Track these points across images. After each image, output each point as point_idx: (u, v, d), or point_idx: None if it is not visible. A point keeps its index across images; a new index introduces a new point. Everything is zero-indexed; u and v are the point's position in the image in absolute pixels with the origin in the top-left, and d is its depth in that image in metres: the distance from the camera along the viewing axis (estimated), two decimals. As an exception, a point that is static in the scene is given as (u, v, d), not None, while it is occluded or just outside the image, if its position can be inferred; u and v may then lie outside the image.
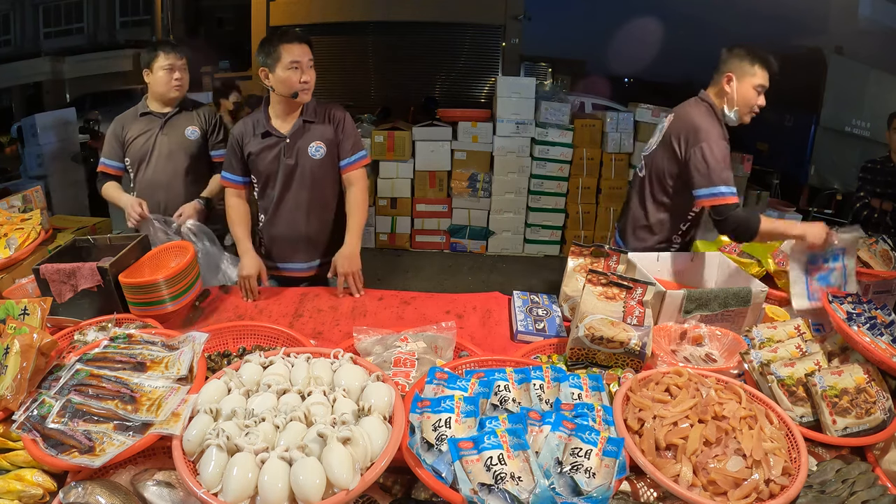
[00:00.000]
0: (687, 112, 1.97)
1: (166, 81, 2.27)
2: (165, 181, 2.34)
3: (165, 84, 2.28)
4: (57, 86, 6.82)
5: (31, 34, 7.11)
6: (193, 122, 2.36)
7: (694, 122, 1.90)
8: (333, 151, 2.04)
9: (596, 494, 0.92)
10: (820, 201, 4.94)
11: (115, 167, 2.37)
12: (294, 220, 2.10)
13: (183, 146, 2.35)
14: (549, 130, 4.77)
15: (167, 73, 2.26)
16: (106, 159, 2.37)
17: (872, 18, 5.23)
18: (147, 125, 2.34)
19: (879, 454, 1.19)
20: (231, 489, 0.91)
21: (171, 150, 2.34)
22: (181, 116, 2.36)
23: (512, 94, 4.73)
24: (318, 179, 2.05)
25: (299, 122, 2.02)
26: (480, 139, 4.86)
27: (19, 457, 1.09)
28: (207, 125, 2.39)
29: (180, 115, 2.36)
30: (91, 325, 1.49)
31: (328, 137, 2.02)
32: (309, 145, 2.01)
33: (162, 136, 2.33)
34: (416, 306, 1.90)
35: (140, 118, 2.34)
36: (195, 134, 2.36)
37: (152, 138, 2.33)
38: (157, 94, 2.31)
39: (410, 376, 1.29)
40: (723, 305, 1.58)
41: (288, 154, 2.02)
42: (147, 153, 2.34)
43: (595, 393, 1.18)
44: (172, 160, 2.34)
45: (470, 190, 4.93)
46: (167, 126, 2.33)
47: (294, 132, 2.01)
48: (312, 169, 2.03)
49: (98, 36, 7.37)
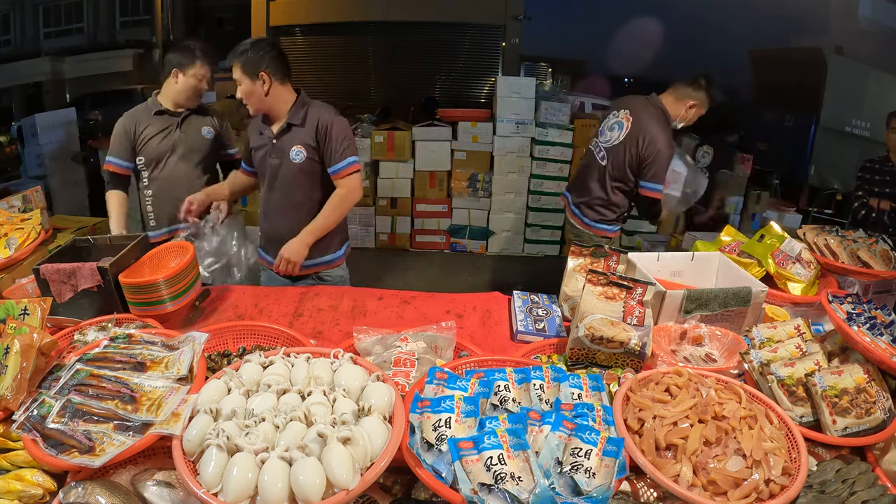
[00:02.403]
0: (647, 121, 2.48)
1: (193, 90, 2.28)
2: (183, 180, 2.33)
3: (190, 92, 2.28)
4: (57, 86, 6.82)
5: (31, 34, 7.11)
6: (208, 123, 2.39)
7: (653, 132, 2.44)
8: (314, 157, 2.05)
9: (596, 494, 0.92)
10: (820, 201, 4.94)
11: (125, 167, 2.31)
12: (276, 218, 2.16)
13: (200, 145, 2.36)
14: (549, 130, 4.77)
15: (197, 82, 2.27)
16: (114, 158, 2.30)
17: (872, 18, 5.23)
18: (164, 123, 2.30)
19: (879, 454, 1.19)
20: (231, 489, 0.91)
21: (188, 149, 2.34)
22: (196, 116, 2.37)
23: (512, 94, 4.74)
24: (299, 183, 2.08)
25: (285, 124, 2.05)
26: (480, 139, 4.86)
27: (19, 457, 1.09)
28: (220, 126, 2.43)
29: (195, 115, 2.37)
30: (91, 325, 1.49)
31: (309, 143, 2.03)
32: (291, 148, 2.04)
33: (180, 134, 2.32)
34: (416, 306, 1.90)
35: (155, 116, 2.30)
36: (211, 133, 2.39)
37: (170, 137, 2.31)
38: (176, 96, 2.30)
39: (410, 376, 1.29)
40: (723, 305, 1.58)
41: (273, 155, 2.07)
42: (165, 152, 2.32)
43: (595, 393, 1.18)
44: (189, 159, 2.35)
45: (470, 190, 4.93)
46: (185, 125, 2.33)
47: (280, 133, 2.05)
48: (294, 172, 2.06)
49: (98, 36, 7.37)
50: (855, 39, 5.06)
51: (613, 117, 2.61)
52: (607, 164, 2.56)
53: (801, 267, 1.84)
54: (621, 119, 2.57)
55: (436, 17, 6.33)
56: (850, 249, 1.90)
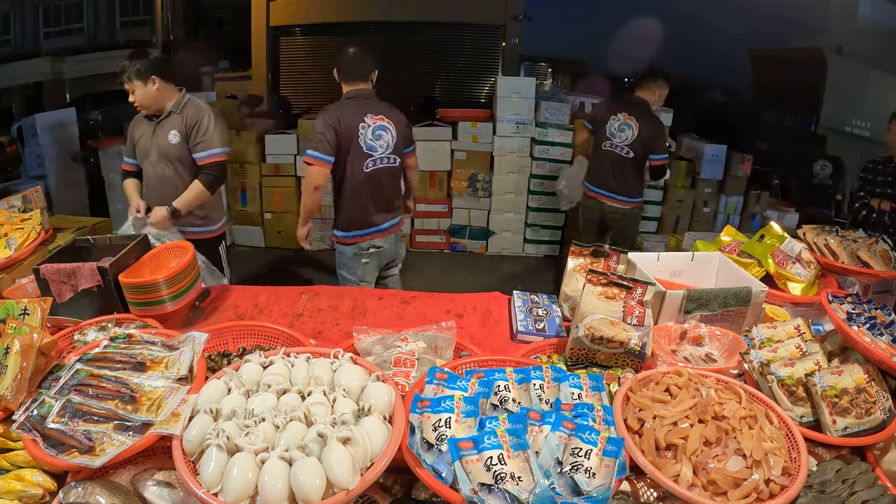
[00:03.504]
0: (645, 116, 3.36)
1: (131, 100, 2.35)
2: (158, 184, 2.41)
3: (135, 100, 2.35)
4: (57, 86, 6.80)
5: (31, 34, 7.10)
6: (175, 126, 2.37)
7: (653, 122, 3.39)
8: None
9: (596, 494, 0.92)
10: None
11: (132, 163, 2.53)
12: None
13: (167, 151, 2.37)
14: (549, 130, 4.77)
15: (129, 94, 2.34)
16: (126, 157, 2.55)
17: (872, 18, 5.22)
18: (146, 128, 2.41)
19: (879, 454, 1.19)
20: (231, 489, 0.91)
21: (159, 154, 2.38)
22: (169, 120, 2.38)
23: (512, 94, 4.73)
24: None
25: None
26: (480, 139, 4.85)
27: (19, 457, 1.09)
28: (188, 127, 2.36)
29: (169, 119, 2.38)
30: (91, 325, 1.49)
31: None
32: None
33: (154, 138, 2.38)
34: (416, 306, 1.90)
35: (142, 120, 2.43)
36: (176, 138, 2.36)
37: (149, 141, 2.40)
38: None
39: (410, 376, 1.29)
40: (723, 305, 1.58)
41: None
42: (145, 155, 2.42)
43: (595, 393, 1.18)
44: (161, 164, 2.40)
45: (470, 190, 4.93)
46: (158, 129, 2.38)
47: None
48: None
49: (98, 36, 7.36)
50: (855, 39, 5.05)
51: (616, 121, 3.41)
52: (634, 157, 3.40)
53: (801, 267, 1.84)
54: (625, 120, 3.38)
55: (436, 17, 6.32)
56: (850, 249, 1.90)
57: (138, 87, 2.29)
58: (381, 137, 2.46)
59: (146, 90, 2.30)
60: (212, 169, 2.38)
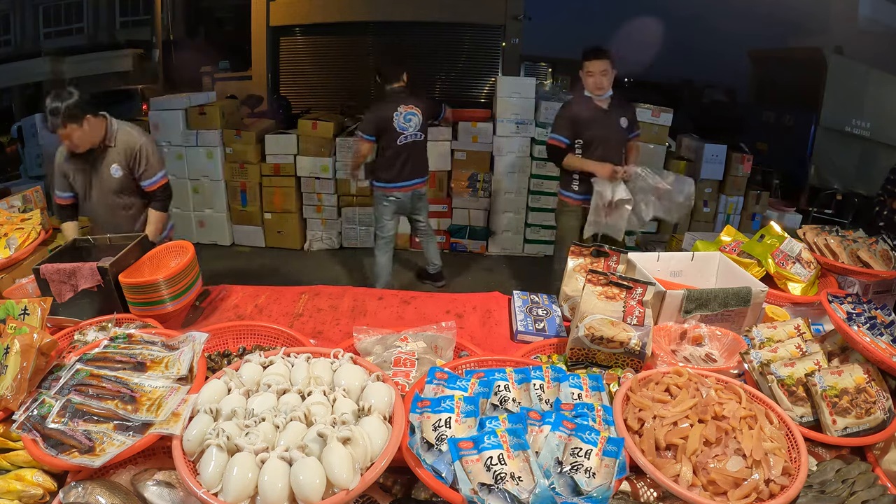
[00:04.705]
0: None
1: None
2: (109, 214, 2.37)
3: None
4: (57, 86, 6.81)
5: (31, 34, 7.11)
6: (115, 160, 2.30)
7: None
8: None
9: (596, 494, 0.92)
10: (820, 201, 4.94)
11: (68, 197, 2.39)
12: None
13: (111, 185, 2.32)
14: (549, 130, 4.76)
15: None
16: (59, 192, 2.38)
17: (872, 18, 5.23)
18: (80, 163, 2.30)
19: (879, 454, 1.19)
20: (231, 489, 0.91)
21: (103, 189, 2.33)
22: (107, 155, 2.30)
23: (512, 94, 4.73)
24: None
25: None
26: (480, 139, 4.85)
27: (19, 457, 1.09)
28: (128, 159, 2.31)
29: (106, 154, 2.30)
30: (91, 325, 1.49)
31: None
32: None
33: (94, 173, 2.31)
34: (416, 306, 1.90)
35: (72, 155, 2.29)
36: (119, 172, 2.31)
37: (87, 175, 2.32)
38: None
39: (410, 376, 1.28)
40: (723, 305, 1.58)
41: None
42: (85, 189, 2.34)
43: (595, 393, 1.18)
44: (108, 196, 2.34)
45: (470, 190, 4.93)
46: (96, 164, 2.30)
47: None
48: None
49: (98, 36, 7.37)
50: (855, 39, 5.06)
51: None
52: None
53: (801, 267, 1.84)
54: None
55: (436, 17, 6.32)
56: (850, 249, 1.90)
57: (75, 130, 2.15)
58: (411, 121, 3.48)
59: (83, 131, 2.17)
60: (160, 192, 2.42)
